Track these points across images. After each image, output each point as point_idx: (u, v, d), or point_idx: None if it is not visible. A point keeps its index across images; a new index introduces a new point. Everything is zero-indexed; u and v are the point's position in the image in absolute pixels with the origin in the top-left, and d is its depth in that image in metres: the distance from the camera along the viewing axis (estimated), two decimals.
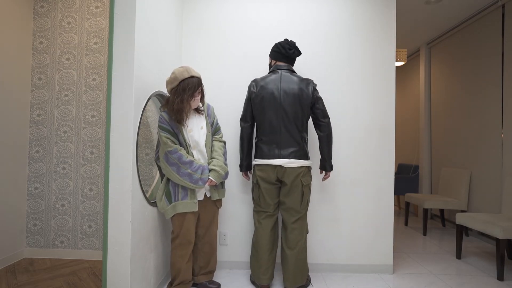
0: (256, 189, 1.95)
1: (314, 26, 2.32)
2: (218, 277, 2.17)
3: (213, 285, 1.94)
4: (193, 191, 1.76)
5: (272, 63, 2.03)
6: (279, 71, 1.94)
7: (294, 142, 1.88)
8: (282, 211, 1.95)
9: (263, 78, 1.95)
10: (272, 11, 2.33)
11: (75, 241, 2.48)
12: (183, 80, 1.68)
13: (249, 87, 1.97)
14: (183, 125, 1.75)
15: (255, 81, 1.96)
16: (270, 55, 2.03)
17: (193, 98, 1.72)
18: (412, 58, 4.62)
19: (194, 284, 1.95)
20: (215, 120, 1.94)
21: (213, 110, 1.95)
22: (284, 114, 1.87)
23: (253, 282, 2.03)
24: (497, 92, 2.96)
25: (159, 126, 1.72)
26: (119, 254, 1.49)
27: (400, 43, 4.16)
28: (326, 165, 1.98)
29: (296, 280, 1.89)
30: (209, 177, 1.76)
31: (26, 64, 2.47)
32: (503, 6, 2.91)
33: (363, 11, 2.30)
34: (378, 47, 2.29)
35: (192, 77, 1.70)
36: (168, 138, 1.69)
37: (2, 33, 2.25)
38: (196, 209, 1.75)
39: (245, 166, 2.04)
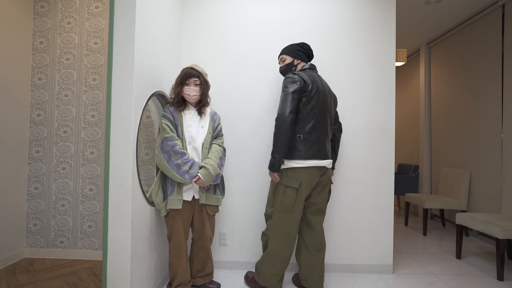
0: (293, 194, 1.77)
1: (314, 26, 2.31)
2: (218, 277, 2.16)
3: (213, 285, 1.94)
4: (180, 188, 1.74)
5: (296, 62, 1.94)
6: (314, 70, 1.90)
7: (329, 141, 1.91)
8: (312, 214, 1.89)
9: (305, 74, 1.81)
10: (272, 11, 2.33)
11: (75, 241, 2.48)
12: (182, 69, 1.84)
13: (294, 79, 1.77)
14: (181, 111, 1.81)
15: (301, 75, 1.80)
16: (291, 54, 1.94)
17: (185, 87, 1.80)
18: (412, 58, 4.62)
19: (193, 285, 1.94)
20: (218, 127, 1.92)
21: (219, 118, 1.96)
22: (329, 112, 1.88)
23: (258, 282, 1.95)
24: (497, 92, 2.96)
25: (162, 115, 1.78)
26: (119, 254, 1.49)
27: (400, 43, 4.16)
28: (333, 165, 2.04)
29: (323, 280, 1.90)
30: (198, 174, 1.72)
31: (26, 64, 2.47)
32: (503, 6, 2.91)
33: (363, 11, 2.30)
34: (378, 47, 2.29)
35: (192, 68, 1.82)
36: (168, 126, 1.73)
37: (2, 33, 2.25)
38: (180, 207, 1.72)
39: (280, 165, 1.77)
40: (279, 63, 2.03)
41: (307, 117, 1.78)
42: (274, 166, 1.75)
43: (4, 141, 2.29)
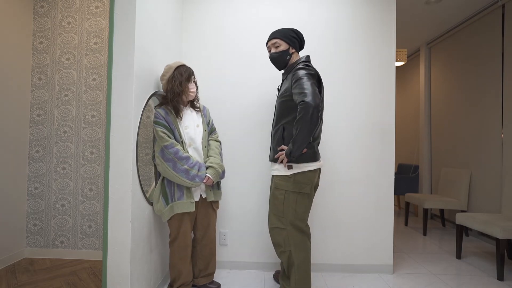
0: (305, 200, 1.66)
1: (314, 26, 2.31)
2: (218, 277, 2.16)
3: (213, 285, 1.94)
4: (189, 191, 1.74)
5: (291, 51, 1.73)
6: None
7: None
8: None
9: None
10: (272, 10, 2.32)
11: (75, 241, 2.48)
12: (178, 67, 1.77)
13: (312, 71, 1.58)
14: (179, 117, 1.76)
15: (315, 70, 1.62)
16: (287, 41, 1.71)
17: (189, 84, 1.77)
18: (412, 58, 4.62)
19: (193, 285, 1.95)
20: (210, 121, 1.95)
21: (209, 111, 1.97)
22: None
23: None
24: (497, 92, 2.96)
25: (154, 122, 1.71)
26: (119, 254, 1.49)
27: (400, 43, 4.16)
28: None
29: None
30: (207, 174, 1.74)
31: (26, 64, 2.47)
32: (503, 6, 2.91)
33: (362, 11, 2.30)
34: (378, 47, 2.29)
35: (185, 65, 1.80)
36: (164, 133, 1.68)
37: (2, 33, 2.25)
38: (193, 209, 1.72)
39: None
40: (269, 48, 1.77)
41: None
42: (293, 154, 1.55)
43: (4, 141, 2.29)
